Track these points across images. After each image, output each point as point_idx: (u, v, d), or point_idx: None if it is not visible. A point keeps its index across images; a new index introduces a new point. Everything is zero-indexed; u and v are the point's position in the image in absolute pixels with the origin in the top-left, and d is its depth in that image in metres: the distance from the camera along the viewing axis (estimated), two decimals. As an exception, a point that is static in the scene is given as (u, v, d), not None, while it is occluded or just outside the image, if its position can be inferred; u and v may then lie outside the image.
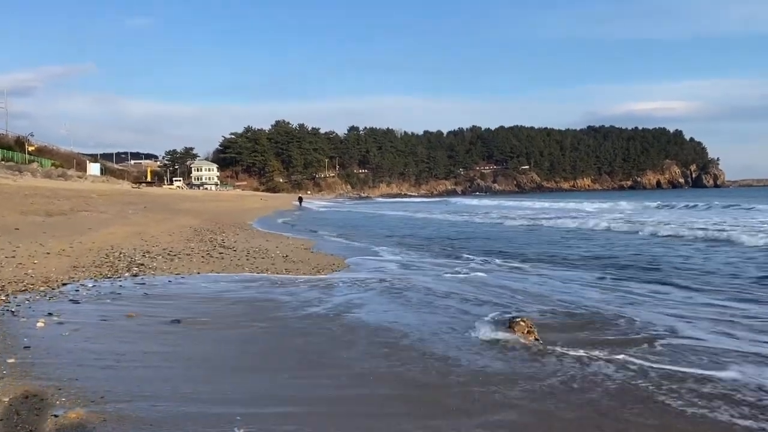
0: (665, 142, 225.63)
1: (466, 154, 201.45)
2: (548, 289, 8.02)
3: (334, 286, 8.15)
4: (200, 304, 6.47)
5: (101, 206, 23.11)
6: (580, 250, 13.75)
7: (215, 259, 10.63)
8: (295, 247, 14.05)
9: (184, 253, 10.92)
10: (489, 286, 8.18)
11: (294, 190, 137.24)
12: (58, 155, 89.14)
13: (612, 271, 9.83)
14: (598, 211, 35.69)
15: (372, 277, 9.00)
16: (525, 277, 9.24)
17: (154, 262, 9.55)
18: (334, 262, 11.16)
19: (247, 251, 12.21)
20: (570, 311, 6.48)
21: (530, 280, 8.93)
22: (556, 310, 6.54)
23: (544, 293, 7.68)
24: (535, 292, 7.76)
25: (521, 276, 9.43)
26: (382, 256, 12.67)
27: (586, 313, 6.42)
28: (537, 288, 8.15)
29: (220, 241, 13.76)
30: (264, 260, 10.98)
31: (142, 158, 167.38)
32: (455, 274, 9.49)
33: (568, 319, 6.12)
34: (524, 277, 9.24)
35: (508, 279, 9.01)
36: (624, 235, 18.19)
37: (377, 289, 7.86)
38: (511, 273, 9.82)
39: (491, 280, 8.78)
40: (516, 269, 10.28)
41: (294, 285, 8.16)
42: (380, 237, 18.87)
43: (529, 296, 7.45)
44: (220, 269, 9.45)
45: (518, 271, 10.02)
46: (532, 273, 9.80)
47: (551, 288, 8.16)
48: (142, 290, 7.17)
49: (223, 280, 8.29)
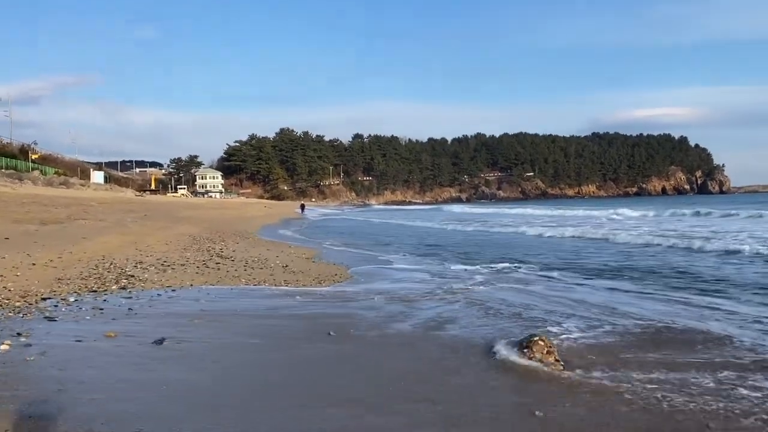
0: (670, 148, 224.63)
1: (471, 161, 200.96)
2: (608, 300, 7.51)
3: (347, 299, 7.57)
4: (188, 322, 5.90)
5: (100, 214, 22.63)
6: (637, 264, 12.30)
7: (211, 269, 10.08)
8: (296, 257, 13.49)
9: (179, 264, 10.37)
10: (552, 297, 7.70)
11: (298, 198, 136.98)
12: (63, 163, 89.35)
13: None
14: (623, 219, 31.98)
15: (400, 289, 8.42)
16: (570, 287, 8.74)
17: (146, 274, 9.00)
18: (337, 272, 10.58)
19: (246, 261, 11.66)
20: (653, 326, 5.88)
21: (578, 291, 8.36)
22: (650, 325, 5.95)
23: (610, 304, 7.15)
24: (600, 303, 7.25)
25: (566, 286, 8.92)
26: (399, 265, 12.18)
27: (678, 327, 5.82)
28: (597, 298, 7.68)
29: (218, 251, 13.21)
30: (262, 271, 10.41)
31: (147, 166, 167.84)
32: (506, 283, 9.09)
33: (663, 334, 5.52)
34: (569, 287, 8.75)
35: (561, 290, 8.44)
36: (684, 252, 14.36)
37: (440, 300, 7.28)
38: (553, 282, 9.31)
39: (547, 291, 8.27)
40: (553, 279, 9.78)
41: (290, 296, 7.59)
42: (387, 245, 18.34)
43: (602, 309, 6.87)
44: (215, 281, 8.89)
45: (557, 281, 9.52)
46: (570, 282, 9.30)
47: (609, 299, 7.62)
48: (127, 305, 6.61)
49: (216, 293, 7.73)
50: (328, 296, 7.86)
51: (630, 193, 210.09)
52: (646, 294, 8.06)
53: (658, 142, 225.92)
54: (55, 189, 38.28)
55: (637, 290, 8.40)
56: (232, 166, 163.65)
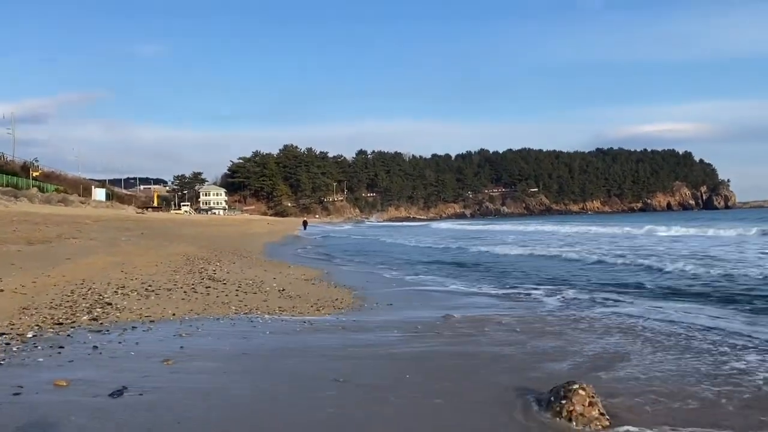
0: (674, 163, 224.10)
1: (475, 177, 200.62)
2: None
3: (359, 329, 6.61)
4: (160, 364, 4.97)
5: (93, 233, 21.80)
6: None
7: (199, 294, 9.15)
8: (295, 278, 12.57)
9: (165, 288, 9.46)
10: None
11: (302, 214, 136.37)
12: (66, 181, 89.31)
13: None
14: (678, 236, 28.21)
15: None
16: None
17: (125, 301, 8.08)
18: (339, 296, 9.63)
19: (239, 284, 10.73)
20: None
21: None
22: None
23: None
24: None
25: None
26: (437, 286, 11.47)
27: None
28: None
29: (211, 273, 12.29)
30: (256, 296, 9.48)
31: (151, 183, 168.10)
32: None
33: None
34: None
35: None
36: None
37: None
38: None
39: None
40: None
41: (282, 332, 6.66)
42: (401, 262, 17.55)
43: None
44: (201, 308, 7.96)
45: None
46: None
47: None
48: (93, 342, 5.69)
49: (199, 325, 6.80)
50: (332, 327, 6.93)
51: (635, 208, 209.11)
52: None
53: (663, 158, 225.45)
54: (53, 206, 37.57)
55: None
56: (236, 183, 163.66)
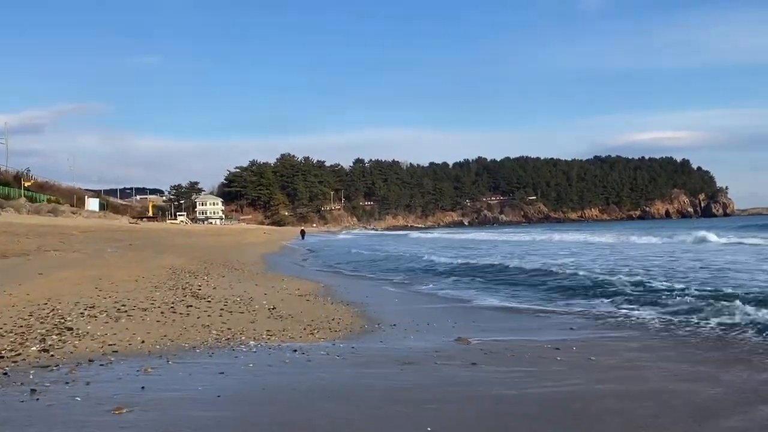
0: (672, 171, 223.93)
1: (473, 185, 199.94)
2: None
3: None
4: (111, 418, 3.90)
5: (78, 244, 20.73)
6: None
7: (178, 315, 8.09)
8: (288, 294, 11.50)
9: (140, 308, 8.39)
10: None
11: (299, 223, 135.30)
12: (59, 191, 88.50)
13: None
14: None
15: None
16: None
17: (90, 324, 7.01)
18: (336, 315, 8.58)
19: (225, 302, 9.67)
20: None
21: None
22: None
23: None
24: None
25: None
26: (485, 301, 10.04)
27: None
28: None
29: (196, 288, 11.21)
30: (243, 316, 8.42)
31: (147, 193, 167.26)
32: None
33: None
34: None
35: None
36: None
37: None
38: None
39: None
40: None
41: (278, 359, 5.59)
42: (411, 272, 16.46)
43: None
44: (177, 333, 6.90)
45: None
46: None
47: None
48: (34, 382, 4.63)
49: (170, 357, 5.73)
50: (326, 357, 5.87)
51: (633, 216, 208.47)
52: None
53: (660, 165, 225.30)
54: (42, 217, 36.47)
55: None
56: (233, 192, 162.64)
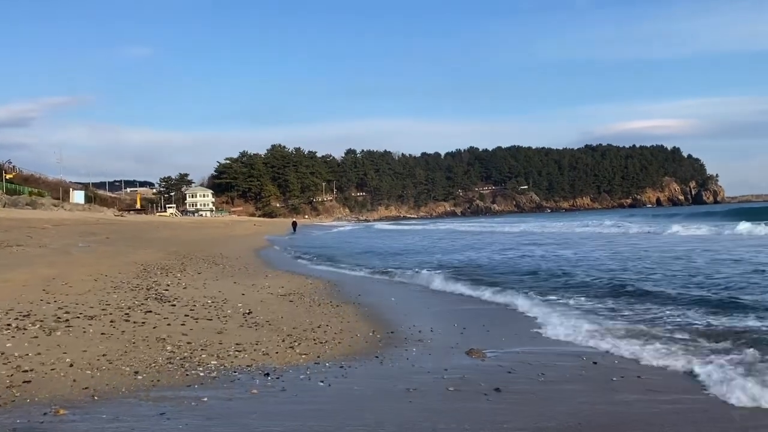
0: (663, 159, 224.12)
1: (465, 175, 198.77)
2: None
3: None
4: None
5: (47, 239, 19.26)
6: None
7: (131, 324, 6.74)
8: (269, 293, 10.15)
9: (86, 315, 7.03)
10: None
11: (291, 215, 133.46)
12: (46, 184, 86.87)
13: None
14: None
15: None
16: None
17: (11, 341, 5.65)
18: (323, 320, 7.26)
19: (193, 305, 8.31)
20: None
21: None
22: None
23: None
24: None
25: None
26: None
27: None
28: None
29: (163, 288, 9.84)
30: (210, 324, 7.07)
31: (137, 186, 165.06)
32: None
33: None
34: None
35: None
36: None
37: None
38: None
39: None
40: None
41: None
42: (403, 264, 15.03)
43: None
44: (121, 350, 5.56)
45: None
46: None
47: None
48: None
49: (88, 395, 4.39)
50: (306, 387, 4.55)
51: (625, 204, 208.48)
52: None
53: (651, 154, 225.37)
54: (19, 210, 34.85)
55: None
56: (223, 184, 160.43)
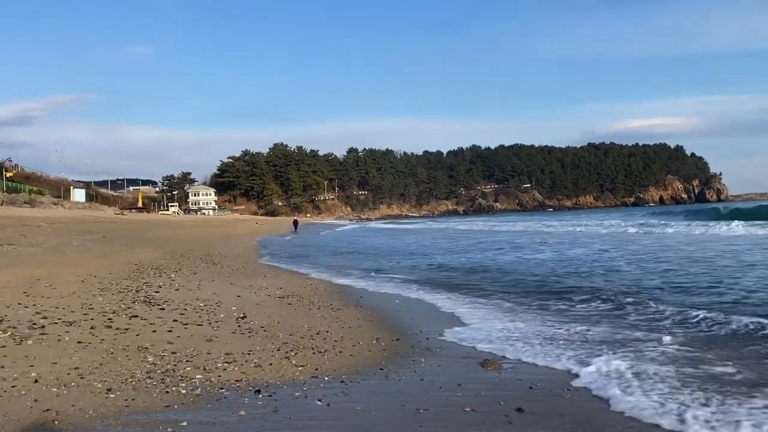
0: (666, 157, 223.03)
1: (467, 173, 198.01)
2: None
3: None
4: None
5: (41, 237, 18.74)
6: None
7: (113, 331, 6.18)
8: (268, 295, 9.59)
9: (65, 321, 6.47)
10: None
11: (293, 214, 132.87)
12: (47, 182, 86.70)
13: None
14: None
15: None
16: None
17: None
18: (323, 326, 6.69)
19: (184, 308, 7.75)
20: None
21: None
22: None
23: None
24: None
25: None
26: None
27: None
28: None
29: (154, 290, 9.28)
30: (200, 330, 6.51)
31: (140, 184, 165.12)
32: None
33: None
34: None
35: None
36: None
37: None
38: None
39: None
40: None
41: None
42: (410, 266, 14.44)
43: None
44: (95, 365, 4.99)
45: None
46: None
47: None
48: None
49: (47, 419, 3.83)
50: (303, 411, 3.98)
51: (627, 203, 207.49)
52: None
53: (654, 152, 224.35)
54: (15, 208, 34.38)
55: None
56: (226, 183, 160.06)
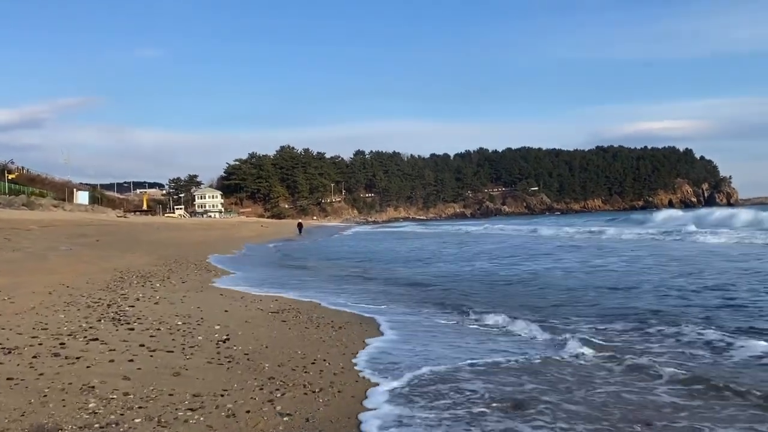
0: (675, 160, 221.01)
1: (474, 176, 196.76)
2: None
3: None
4: None
5: (27, 241, 17.71)
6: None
7: (62, 360, 5.00)
8: (260, 309, 8.39)
9: (4, 348, 5.30)
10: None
11: (300, 216, 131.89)
12: (52, 184, 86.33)
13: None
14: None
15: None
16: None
17: None
18: (321, 354, 5.50)
19: (158, 326, 6.58)
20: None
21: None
22: None
23: None
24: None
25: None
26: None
27: None
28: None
29: (131, 302, 8.12)
30: (168, 358, 5.33)
31: (146, 187, 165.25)
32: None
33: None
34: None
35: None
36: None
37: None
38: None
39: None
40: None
41: None
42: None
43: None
44: (13, 416, 3.81)
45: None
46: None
47: None
48: None
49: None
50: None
51: (636, 206, 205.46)
52: None
53: (663, 155, 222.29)
54: (14, 210, 33.51)
55: None
56: (232, 185, 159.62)
